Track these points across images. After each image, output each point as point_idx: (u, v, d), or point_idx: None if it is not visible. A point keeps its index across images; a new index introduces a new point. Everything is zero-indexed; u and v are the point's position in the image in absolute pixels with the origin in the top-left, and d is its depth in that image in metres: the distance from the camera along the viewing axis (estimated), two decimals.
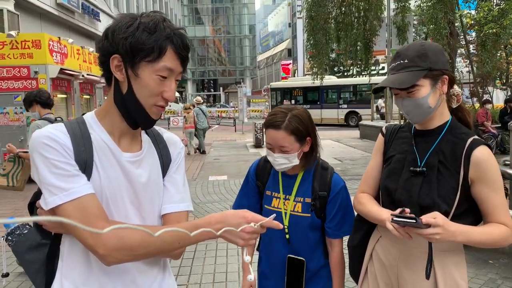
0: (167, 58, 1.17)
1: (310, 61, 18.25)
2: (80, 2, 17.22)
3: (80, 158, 1.15)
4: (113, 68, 1.18)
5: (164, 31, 1.16)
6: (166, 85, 1.19)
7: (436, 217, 1.41)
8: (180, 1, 56.73)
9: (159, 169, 1.32)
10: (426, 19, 12.36)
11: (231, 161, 11.79)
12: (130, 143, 1.28)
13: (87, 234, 1.08)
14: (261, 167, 2.02)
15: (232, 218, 1.11)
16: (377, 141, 1.86)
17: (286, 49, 69.59)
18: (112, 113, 1.24)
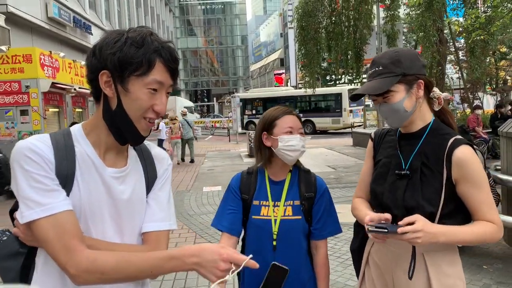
0: (157, 71, 1.16)
1: (302, 70, 18.37)
2: (72, 16, 17.25)
3: (61, 171, 1.14)
4: (102, 84, 1.17)
5: (152, 44, 1.16)
6: (156, 98, 1.19)
7: (416, 220, 1.43)
8: (172, 13, 57.00)
9: (143, 186, 1.31)
10: (415, 27, 12.51)
11: (226, 171, 11.77)
12: (115, 158, 1.27)
13: (60, 251, 1.07)
14: (245, 180, 1.99)
15: (208, 254, 1.08)
16: (368, 146, 1.91)
17: (279, 59, 70.00)
18: (99, 127, 1.23)
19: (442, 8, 11.66)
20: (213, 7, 70.44)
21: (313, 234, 1.93)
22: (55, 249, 1.08)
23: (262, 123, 1.97)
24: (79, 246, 1.08)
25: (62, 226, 1.08)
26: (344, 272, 4.40)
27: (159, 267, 1.09)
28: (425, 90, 1.64)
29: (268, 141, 1.92)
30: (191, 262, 1.07)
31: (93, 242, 1.16)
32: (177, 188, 9.66)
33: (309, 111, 25.87)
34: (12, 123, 9.10)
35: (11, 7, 12.56)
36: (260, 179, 1.96)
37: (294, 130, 1.89)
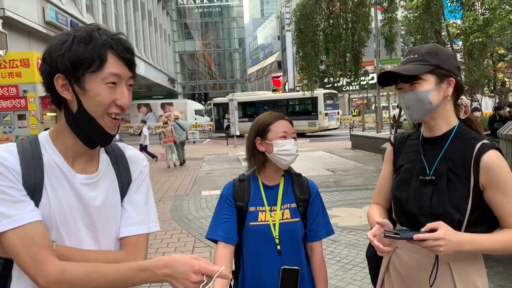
0: (111, 64, 1.14)
1: (300, 73, 18.37)
2: (69, 20, 17.23)
3: (29, 181, 1.12)
4: (59, 88, 1.15)
5: (100, 38, 1.14)
6: (117, 92, 1.16)
7: (438, 227, 1.38)
8: (169, 16, 57.04)
9: (117, 191, 1.28)
10: (413, 29, 12.51)
11: (224, 175, 11.73)
12: (86, 164, 1.24)
13: (28, 263, 1.06)
14: (238, 188, 1.97)
15: (180, 265, 1.06)
16: (386, 150, 1.85)
17: (276, 62, 70.06)
18: (64, 133, 1.21)
19: (440, 10, 11.66)
20: (211, 10, 70.52)
21: (308, 236, 1.95)
22: (23, 261, 1.07)
23: (256, 128, 1.96)
24: (48, 257, 1.07)
25: (30, 237, 1.07)
26: (345, 277, 4.37)
27: (130, 279, 1.08)
28: (454, 92, 1.59)
29: (262, 146, 1.92)
30: (162, 274, 1.06)
31: (65, 251, 1.15)
32: (175, 192, 9.62)
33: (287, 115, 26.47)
34: (10, 128, 9.06)
35: (8, 11, 12.53)
36: (254, 185, 1.96)
37: (288, 135, 1.91)
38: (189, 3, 68.61)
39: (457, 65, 1.61)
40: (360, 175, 10.55)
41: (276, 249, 1.87)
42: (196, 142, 25.08)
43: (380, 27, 16.02)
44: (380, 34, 15.98)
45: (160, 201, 8.72)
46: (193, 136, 23.94)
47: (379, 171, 10.87)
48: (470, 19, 9.93)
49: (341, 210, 7.22)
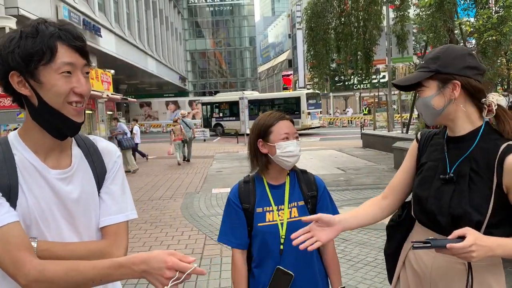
0: (62, 54, 1.14)
1: (310, 71, 18.31)
2: (82, 18, 17.39)
3: (3, 182, 1.13)
4: (16, 86, 1.16)
5: (47, 30, 1.14)
6: (73, 81, 1.17)
7: (466, 233, 1.35)
8: (181, 14, 57.23)
9: (93, 182, 1.30)
10: (425, 28, 12.39)
11: (234, 173, 11.76)
12: (58, 159, 1.25)
13: (8, 264, 1.09)
14: (243, 190, 1.97)
15: (155, 261, 1.07)
16: (411, 146, 1.82)
17: (287, 60, 69.90)
18: (32, 130, 1.22)
19: (453, 8, 11.53)
20: (222, 9, 70.58)
21: None
22: (3, 262, 1.09)
23: (257, 130, 1.95)
24: (26, 258, 1.09)
25: (6, 239, 1.09)
26: (355, 275, 4.36)
27: (108, 275, 1.10)
28: (468, 94, 1.54)
29: (265, 148, 1.91)
30: (139, 270, 1.08)
31: (48, 246, 1.17)
32: (186, 190, 9.67)
33: None
34: None
35: (22, 10, 12.70)
36: (259, 186, 1.96)
37: (290, 136, 1.90)
38: (200, 1, 68.75)
39: (467, 64, 1.54)
40: (371, 174, 10.50)
41: (278, 246, 1.88)
42: (206, 140, 25.16)
43: (392, 25, 15.90)
44: (392, 33, 15.85)
45: (171, 198, 8.78)
46: (204, 134, 24.02)
47: (390, 170, 10.85)
48: (484, 17, 9.81)
49: (351, 209, 7.18)
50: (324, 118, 38.20)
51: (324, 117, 39.44)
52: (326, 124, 36.78)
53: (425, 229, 1.64)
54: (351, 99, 49.88)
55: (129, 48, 26.63)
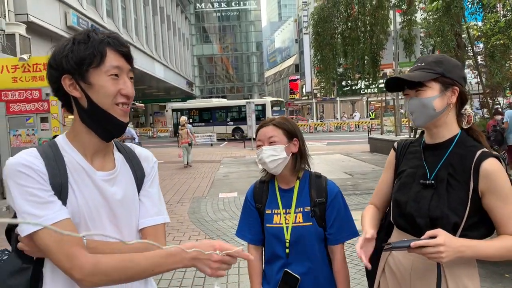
0: (110, 58, 1.23)
1: (317, 76, 18.32)
2: (90, 24, 17.56)
3: (55, 181, 1.18)
4: (67, 88, 1.23)
5: (97, 36, 1.24)
6: (120, 83, 1.25)
7: (438, 234, 1.42)
8: (188, 20, 57.56)
9: (134, 185, 1.36)
10: (432, 32, 12.36)
11: (241, 178, 11.77)
12: (103, 162, 1.32)
13: (62, 259, 1.12)
14: (258, 189, 2.06)
15: (203, 247, 1.12)
16: (389, 156, 1.91)
17: (293, 65, 69.99)
18: (80, 132, 1.28)
19: (460, 12, 11.50)
20: (228, 14, 70.90)
21: (328, 239, 1.94)
22: (57, 257, 1.13)
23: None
24: (80, 252, 1.13)
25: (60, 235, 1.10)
26: (362, 280, 4.34)
27: (160, 265, 1.14)
28: (458, 101, 1.65)
29: None
30: (189, 257, 1.11)
31: (95, 244, 1.21)
32: (193, 194, 9.69)
33: (239, 120, 29.83)
34: (33, 130, 9.27)
35: (31, 16, 12.86)
36: (271, 188, 2.02)
37: (264, 142, 1.94)
38: (207, 7, 69.11)
39: (463, 75, 1.67)
40: (378, 179, 10.33)
41: (284, 250, 1.91)
42: (213, 145, 25.21)
43: (399, 30, 15.88)
44: (399, 37, 15.84)
45: (178, 203, 8.80)
46: (210, 139, 24.09)
47: None
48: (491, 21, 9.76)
49: (359, 213, 7.14)
50: (331, 123, 38.17)
51: (331, 121, 39.39)
52: (333, 129, 36.74)
53: (403, 233, 1.69)
54: (359, 104, 49.79)
55: (137, 53, 26.83)
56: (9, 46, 10.61)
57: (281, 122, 1.97)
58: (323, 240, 1.94)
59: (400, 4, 14.93)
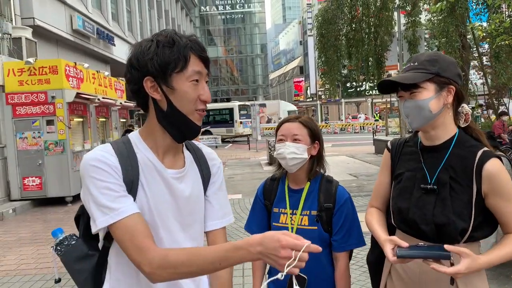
0: (192, 63, 1.24)
1: (322, 78, 18.31)
2: (95, 28, 17.66)
3: (128, 177, 1.22)
4: (148, 90, 1.25)
5: (182, 40, 1.24)
6: (199, 88, 1.27)
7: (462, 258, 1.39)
8: (193, 23, 57.77)
9: (200, 184, 1.40)
10: (437, 33, 12.33)
11: (246, 180, 11.78)
12: (173, 160, 1.35)
13: (133, 251, 1.14)
14: (268, 186, 2.06)
15: (270, 242, 1.07)
16: (384, 156, 1.84)
17: (298, 67, 70.02)
18: (155, 132, 1.31)
19: (465, 13, 11.46)
20: (233, 17, 71.07)
21: (333, 245, 1.92)
22: (129, 249, 1.16)
23: (275, 131, 2.03)
24: (151, 245, 1.15)
25: (133, 227, 1.16)
26: (367, 282, 4.33)
27: (227, 258, 1.11)
28: (454, 100, 1.59)
29: None
30: (256, 251, 1.08)
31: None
32: None
33: (209, 123, 30.05)
34: (39, 133, 9.33)
35: (38, 20, 12.96)
36: (281, 187, 2.01)
37: (287, 137, 1.91)
38: (212, 10, 69.32)
39: (458, 72, 1.60)
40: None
41: None
42: (218, 147, 25.26)
43: (403, 31, 15.85)
44: (404, 38, 15.81)
45: None
46: (215, 141, 24.13)
47: None
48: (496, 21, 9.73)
49: (364, 215, 7.16)
50: (336, 124, 38.11)
51: (336, 123, 39.33)
52: (338, 131, 36.69)
53: (408, 236, 1.63)
54: (363, 105, 49.68)
55: None
56: (16, 49, 10.70)
57: (308, 121, 1.96)
58: (328, 245, 1.92)
59: (404, 5, 14.91)
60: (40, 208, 9.28)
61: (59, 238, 1.43)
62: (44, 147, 9.31)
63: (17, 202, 9.14)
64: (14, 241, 6.60)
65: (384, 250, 1.52)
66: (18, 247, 6.23)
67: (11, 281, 4.86)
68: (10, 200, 9.31)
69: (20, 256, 5.77)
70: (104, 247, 1.31)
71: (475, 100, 15.20)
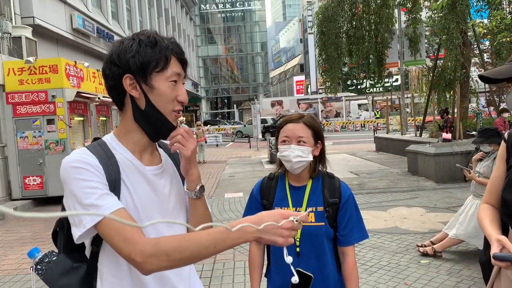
0: (172, 64, 1.28)
1: (322, 75, 18.28)
2: (95, 27, 17.64)
3: (111, 177, 1.23)
4: (127, 87, 1.26)
5: (163, 42, 1.27)
6: (177, 89, 1.30)
7: None
8: (193, 21, 57.68)
9: (179, 177, 1.43)
10: (438, 30, 12.33)
11: (247, 178, 11.78)
12: (150, 158, 1.37)
13: (122, 244, 1.13)
14: (265, 185, 2.02)
15: (268, 217, 1.07)
16: (500, 148, 1.73)
17: (298, 65, 69.95)
18: (132, 131, 1.32)
19: (466, 10, 11.44)
20: (233, 15, 70.92)
21: (340, 240, 1.91)
22: (117, 243, 1.14)
23: (277, 131, 1.99)
24: (139, 236, 1.14)
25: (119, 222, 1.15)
26: (369, 279, 4.33)
27: (222, 240, 1.09)
28: None
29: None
30: (252, 230, 1.07)
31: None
32: None
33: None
34: (39, 132, 9.33)
35: (37, 19, 12.94)
36: (281, 185, 1.98)
37: (291, 140, 1.88)
38: (212, 8, 69.20)
39: None
40: (384, 178, 10.42)
41: (295, 249, 1.87)
42: (219, 146, 25.24)
43: (403, 28, 15.82)
44: (404, 35, 15.77)
45: None
46: (216, 139, 24.13)
47: (404, 174, 10.70)
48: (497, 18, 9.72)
49: (365, 213, 7.15)
50: (336, 122, 38.08)
51: (337, 121, 39.31)
52: (339, 129, 36.66)
53: None
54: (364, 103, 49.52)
55: None
56: (16, 49, 10.68)
57: (311, 122, 1.92)
58: (332, 240, 1.92)
59: (405, 2, 14.86)
60: (41, 207, 9.28)
61: (38, 257, 1.39)
62: (45, 146, 9.31)
63: (18, 202, 9.14)
64: (15, 241, 6.61)
65: (491, 250, 1.40)
66: (19, 247, 6.24)
67: (13, 280, 4.86)
68: (11, 200, 9.32)
69: (21, 256, 5.77)
70: (92, 253, 1.28)
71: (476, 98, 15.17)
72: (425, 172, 10.07)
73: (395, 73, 26.11)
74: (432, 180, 9.63)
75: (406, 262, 4.78)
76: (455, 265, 4.62)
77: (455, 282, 4.16)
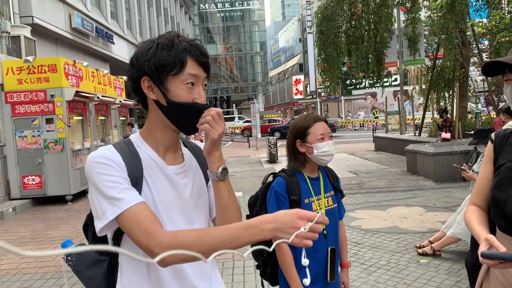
0: (189, 67, 1.27)
1: (321, 75, 18.28)
2: (94, 26, 17.61)
3: (133, 173, 1.26)
4: (145, 89, 1.29)
5: (181, 44, 1.27)
6: (195, 92, 1.29)
7: None
8: (192, 21, 57.64)
9: (202, 177, 1.45)
10: (437, 29, 12.32)
11: (246, 177, 11.77)
12: (174, 157, 1.40)
13: (141, 236, 1.16)
14: (289, 182, 2.13)
15: (284, 217, 1.08)
16: (487, 148, 1.73)
17: (297, 64, 69.91)
18: (155, 131, 1.36)
19: (465, 9, 11.45)
20: (232, 14, 70.93)
21: (340, 215, 2.33)
22: (136, 235, 1.17)
23: (295, 132, 2.16)
24: (158, 229, 1.17)
25: (140, 214, 1.19)
26: (368, 279, 4.33)
27: (238, 237, 1.11)
28: None
29: (303, 147, 2.14)
30: (268, 229, 1.08)
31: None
32: None
33: None
34: (38, 131, 9.32)
35: (36, 18, 12.91)
36: (301, 179, 2.17)
37: (326, 136, 2.12)
38: (211, 7, 69.19)
39: None
40: (383, 177, 10.43)
41: (323, 233, 2.12)
42: None
43: (403, 28, 15.81)
44: (403, 35, 15.77)
45: None
46: None
47: (403, 173, 10.71)
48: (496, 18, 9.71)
49: (364, 212, 7.16)
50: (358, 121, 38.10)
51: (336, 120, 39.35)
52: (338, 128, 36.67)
53: (508, 237, 1.51)
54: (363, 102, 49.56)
55: None
56: (15, 48, 10.67)
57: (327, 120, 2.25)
58: None
59: (404, 2, 14.85)
60: (40, 207, 9.27)
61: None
62: (44, 145, 9.30)
63: (17, 201, 9.13)
64: (14, 240, 6.60)
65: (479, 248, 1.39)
66: (18, 246, 6.22)
67: (12, 280, 4.86)
68: (10, 199, 9.31)
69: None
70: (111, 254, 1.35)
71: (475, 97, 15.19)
72: (424, 171, 10.09)
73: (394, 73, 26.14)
74: (431, 179, 9.64)
75: (405, 261, 4.78)
76: (454, 264, 4.62)
77: (454, 282, 4.16)
